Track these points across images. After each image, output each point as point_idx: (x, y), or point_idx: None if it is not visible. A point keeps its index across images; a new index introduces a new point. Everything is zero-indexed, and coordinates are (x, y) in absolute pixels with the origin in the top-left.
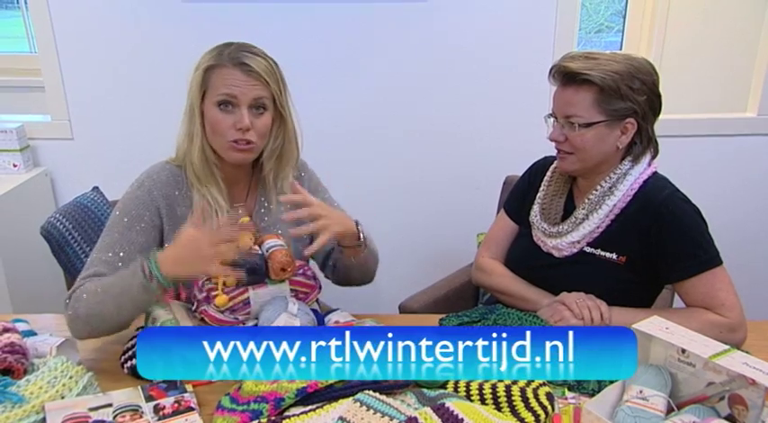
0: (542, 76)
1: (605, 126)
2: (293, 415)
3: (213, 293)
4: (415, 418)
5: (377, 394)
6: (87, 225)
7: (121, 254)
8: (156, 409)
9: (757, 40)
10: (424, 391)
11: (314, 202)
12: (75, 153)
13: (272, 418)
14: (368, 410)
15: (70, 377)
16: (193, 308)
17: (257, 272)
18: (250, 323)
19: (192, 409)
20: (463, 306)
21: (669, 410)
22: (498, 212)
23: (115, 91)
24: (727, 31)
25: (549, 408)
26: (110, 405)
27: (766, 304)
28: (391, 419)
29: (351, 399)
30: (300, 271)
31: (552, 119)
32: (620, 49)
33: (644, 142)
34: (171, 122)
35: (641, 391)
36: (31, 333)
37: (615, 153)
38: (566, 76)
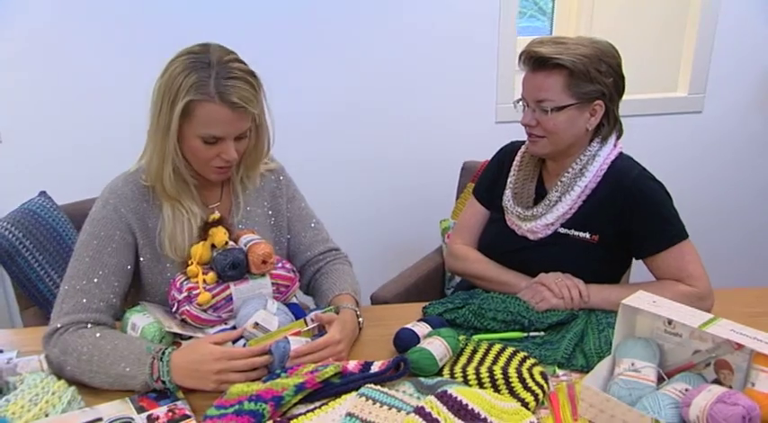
0: (488, 63)
1: (576, 109)
2: (299, 414)
3: (195, 292)
4: (423, 407)
5: (380, 387)
6: (39, 232)
7: (95, 279)
8: (151, 420)
9: (685, 22)
10: (421, 379)
11: (333, 339)
12: (7, 157)
13: (277, 419)
14: (374, 404)
15: (53, 393)
16: (173, 309)
17: (239, 266)
18: (232, 322)
19: (187, 416)
20: (432, 292)
21: (660, 380)
22: (458, 198)
23: (39, 91)
24: (656, 14)
25: (546, 386)
26: (100, 419)
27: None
28: (399, 411)
29: (355, 394)
30: (279, 264)
31: (523, 104)
32: (550, 34)
33: (611, 123)
34: (102, 117)
35: (633, 364)
36: None
37: (584, 135)
38: (536, 62)
